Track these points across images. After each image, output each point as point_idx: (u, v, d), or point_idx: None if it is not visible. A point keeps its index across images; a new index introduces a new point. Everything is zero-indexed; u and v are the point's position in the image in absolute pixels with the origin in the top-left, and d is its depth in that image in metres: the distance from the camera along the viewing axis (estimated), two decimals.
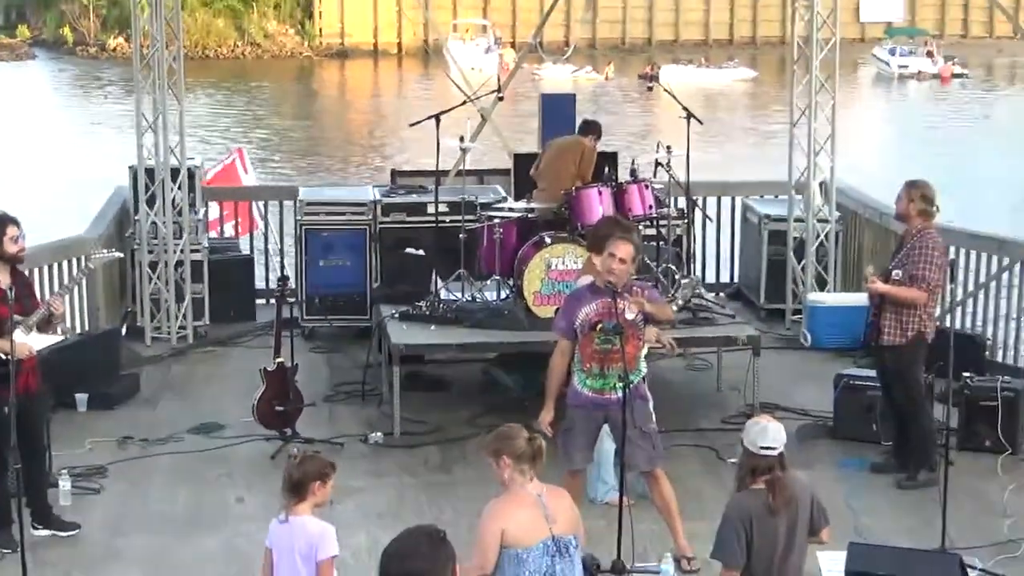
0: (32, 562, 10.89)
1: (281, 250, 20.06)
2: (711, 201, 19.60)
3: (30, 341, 11.71)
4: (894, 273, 13.30)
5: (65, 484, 12.66)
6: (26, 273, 12.60)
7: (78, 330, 16.43)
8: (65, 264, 16.53)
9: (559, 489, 9.36)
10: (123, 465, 13.85)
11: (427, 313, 15.26)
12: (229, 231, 21.23)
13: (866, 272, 13.68)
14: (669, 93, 18.03)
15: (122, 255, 17.03)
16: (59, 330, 12.34)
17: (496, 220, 15.64)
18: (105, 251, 14.46)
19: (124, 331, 17.47)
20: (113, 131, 56.80)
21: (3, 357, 11.48)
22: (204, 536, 12.38)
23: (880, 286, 13.27)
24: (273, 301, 16.49)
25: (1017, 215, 42.65)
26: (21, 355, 11.59)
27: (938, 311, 14.21)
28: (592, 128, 16.96)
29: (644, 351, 11.78)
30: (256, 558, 11.86)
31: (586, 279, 12.48)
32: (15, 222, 11.85)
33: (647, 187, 15.81)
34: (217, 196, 20.89)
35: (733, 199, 20.11)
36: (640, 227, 16.08)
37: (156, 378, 16.56)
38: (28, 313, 11.76)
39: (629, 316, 11.39)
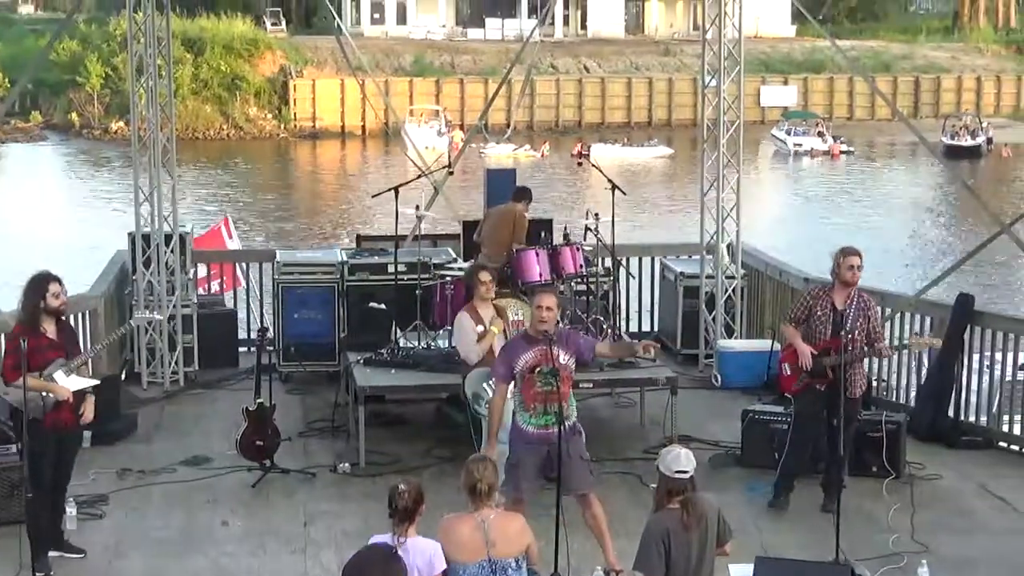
0: None
1: (261, 305, 19.98)
2: (634, 261, 19.60)
3: (68, 383, 11.66)
4: (851, 333, 13.10)
5: (71, 510, 12.48)
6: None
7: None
8: (71, 318, 16.35)
9: (511, 515, 9.36)
10: (122, 493, 13.75)
11: (388, 359, 15.20)
12: (215, 288, 21.13)
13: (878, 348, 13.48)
14: (597, 168, 18.05)
15: (162, 318, 16.99)
16: (90, 373, 12.29)
17: (447, 278, 15.65)
18: (147, 313, 14.48)
19: (123, 376, 17.36)
20: (114, 202, 56.58)
21: (47, 395, 11.49)
22: (194, 556, 12.28)
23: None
24: (254, 349, 16.40)
25: (895, 270, 42.97)
26: (62, 397, 11.56)
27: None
28: (523, 194, 16.93)
29: (573, 397, 11.79)
30: (238, 575, 11.84)
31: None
32: (57, 279, 11.77)
33: (578, 249, 15.85)
34: (205, 258, 20.79)
35: (653, 259, 20.13)
36: (573, 284, 16.15)
37: (151, 417, 16.44)
38: (71, 358, 11.74)
39: (563, 360, 11.43)
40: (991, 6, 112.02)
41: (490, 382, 12.55)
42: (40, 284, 11.67)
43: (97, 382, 12.37)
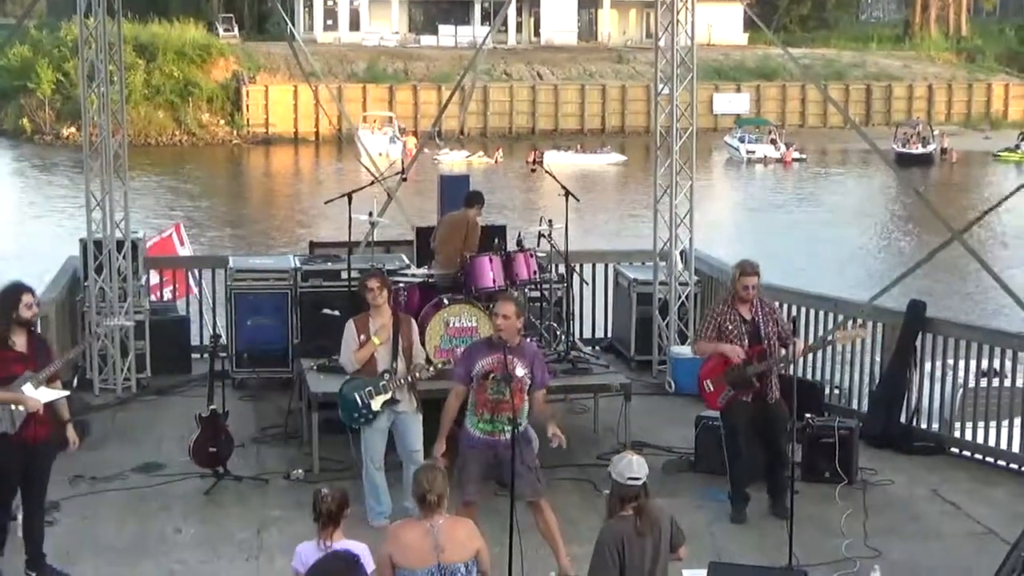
0: None
1: (213, 311, 19.94)
2: (587, 267, 19.62)
3: (38, 395, 11.46)
4: (768, 338, 13.27)
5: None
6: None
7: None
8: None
9: (462, 520, 9.36)
10: (74, 501, 13.69)
11: (341, 365, 15.16)
12: (167, 295, 21.06)
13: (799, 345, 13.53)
14: (550, 174, 18.06)
15: (132, 323, 16.87)
16: (61, 385, 12.12)
17: (401, 285, 15.62)
18: (117, 320, 14.45)
19: (75, 383, 17.26)
20: (65, 209, 56.28)
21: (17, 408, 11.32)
22: (147, 563, 12.26)
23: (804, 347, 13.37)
24: (206, 356, 16.37)
25: (847, 277, 43.13)
26: (32, 408, 11.39)
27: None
28: (475, 199, 16.90)
29: (526, 408, 11.77)
30: None
31: None
32: (30, 290, 11.66)
33: (532, 255, 15.86)
34: (158, 265, 20.72)
35: (606, 265, 20.16)
36: (526, 290, 16.16)
37: (104, 424, 16.37)
38: (42, 369, 11.54)
39: (519, 373, 11.46)
40: (942, 15, 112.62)
41: (365, 391, 12.65)
42: (12, 295, 11.50)
43: (67, 393, 12.28)
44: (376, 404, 12.80)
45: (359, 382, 12.88)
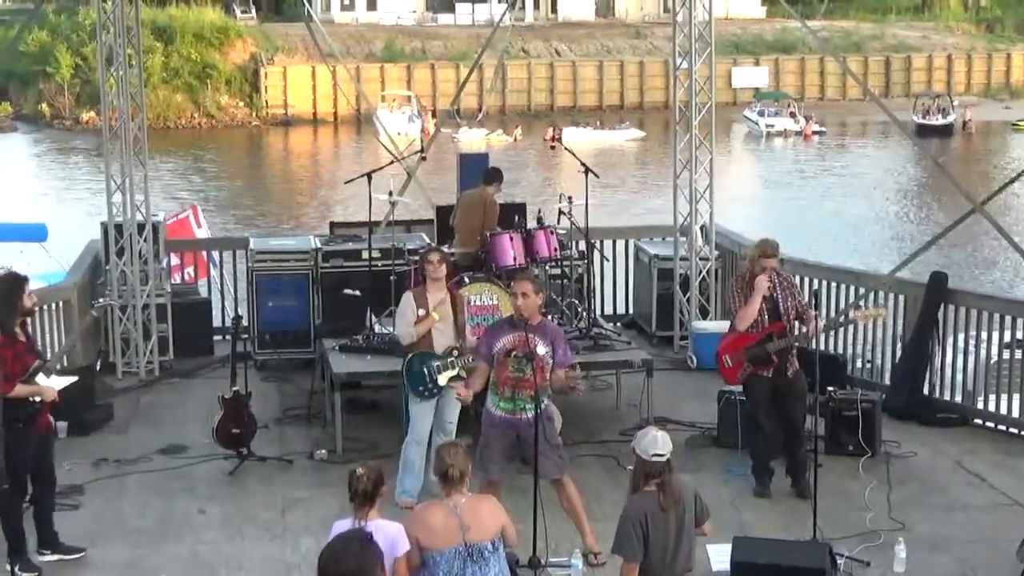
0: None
1: (235, 293, 19.95)
2: (607, 244, 19.58)
3: (52, 383, 11.50)
4: (787, 314, 13.23)
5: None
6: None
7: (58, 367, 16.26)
8: (46, 308, 16.31)
9: (483, 497, 9.34)
10: (98, 484, 13.72)
11: (363, 345, 15.18)
12: (187, 276, 21.10)
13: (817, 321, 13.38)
14: (570, 151, 18.04)
15: (115, 303, 16.90)
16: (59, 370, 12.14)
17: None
18: (102, 300, 14.37)
19: (98, 367, 17.31)
20: (86, 192, 56.36)
21: (30, 399, 11.30)
22: (171, 545, 12.27)
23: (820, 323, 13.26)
24: (228, 337, 16.38)
25: (868, 249, 43.06)
26: (50, 398, 11.41)
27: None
28: (493, 176, 16.88)
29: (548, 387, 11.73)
30: (216, 563, 11.84)
31: None
32: (27, 280, 11.64)
33: (552, 233, 15.85)
34: (179, 247, 20.74)
35: (627, 241, 20.12)
36: (547, 267, 16.16)
37: (127, 407, 16.39)
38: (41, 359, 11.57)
39: (540, 351, 11.42)
40: None
41: (434, 365, 12.65)
42: (17, 285, 11.45)
43: (76, 378, 12.30)
44: (443, 380, 12.74)
45: (427, 355, 12.82)
